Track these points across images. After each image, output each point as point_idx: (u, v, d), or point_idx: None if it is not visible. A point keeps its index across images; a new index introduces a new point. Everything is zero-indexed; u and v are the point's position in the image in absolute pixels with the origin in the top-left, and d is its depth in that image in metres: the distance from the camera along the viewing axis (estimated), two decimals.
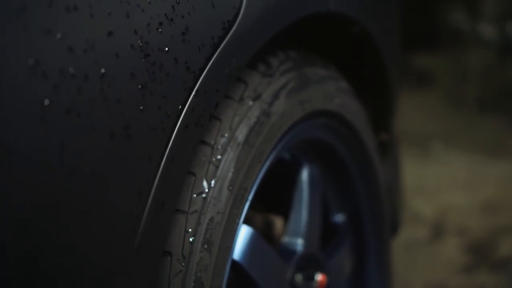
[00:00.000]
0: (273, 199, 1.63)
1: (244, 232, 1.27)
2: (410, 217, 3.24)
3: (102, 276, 0.86)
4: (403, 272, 2.75)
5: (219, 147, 1.14)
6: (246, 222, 1.31)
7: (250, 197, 1.21)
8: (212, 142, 1.14)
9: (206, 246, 1.09)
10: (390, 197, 1.92)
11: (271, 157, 1.28)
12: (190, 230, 1.08)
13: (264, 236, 1.58)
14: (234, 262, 1.24)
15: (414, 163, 4.02)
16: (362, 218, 1.72)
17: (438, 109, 5.32)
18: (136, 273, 0.92)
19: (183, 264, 1.07)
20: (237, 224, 1.17)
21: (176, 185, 0.99)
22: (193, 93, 0.98)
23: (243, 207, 1.18)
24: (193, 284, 1.07)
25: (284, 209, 1.55)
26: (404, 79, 5.81)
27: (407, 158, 3.91)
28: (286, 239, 1.47)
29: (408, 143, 4.28)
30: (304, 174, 1.49)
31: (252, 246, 1.27)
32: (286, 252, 1.44)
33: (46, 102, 0.76)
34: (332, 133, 1.52)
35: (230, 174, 1.14)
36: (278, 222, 1.62)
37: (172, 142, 0.95)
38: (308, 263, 1.51)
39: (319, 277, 1.51)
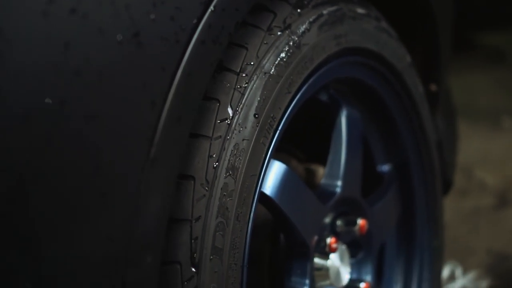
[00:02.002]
0: (316, 150, 1.60)
1: (277, 168, 1.25)
2: (475, 186, 3.16)
3: (113, 185, 0.85)
4: (467, 239, 2.68)
5: (245, 74, 1.13)
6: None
7: (280, 127, 1.19)
8: (238, 70, 1.13)
9: (230, 172, 1.08)
10: (442, 152, 1.86)
11: (303, 90, 1.25)
12: (214, 155, 1.07)
13: (307, 184, 1.54)
14: (266, 198, 1.22)
15: (482, 136, 3.93)
16: (408, 168, 1.67)
17: (508, 85, 5.16)
18: (152, 188, 0.91)
19: (207, 188, 1.06)
20: (265, 153, 1.15)
21: (194, 102, 0.97)
22: (210, 8, 0.96)
23: (272, 137, 1.17)
24: (217, 209, 1.06)
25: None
26: (474, 57, 5.67)
27: (476, 132, 3.83)
28: (324, 181, 1.44)
29: (477, 118, 4.19)
30: (343, 116, 1.45)
31: (285, 182, 1.25)
32: (324, 194, 1.41)
33: None
34: (372, 74, 1.48)
35: (256, 102, 1.13)
36: (320, 170, 1.59)
37: (188, 56, 0.94)
38: (349, 208, 1.48)
39: (360, 222, 1.48)
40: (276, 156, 1.28)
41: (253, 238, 1.38)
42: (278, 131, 1.18)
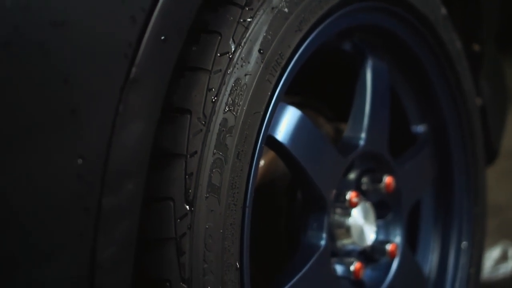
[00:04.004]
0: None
1: (291, 114, 1.18)
2: None
3: (84, 101, 0.81)
4: None
5: (250, 8, 1.08)
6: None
7: (290, 67, 1.12)
8: (242, 3, 1.08)
9: (231, 108, 1.02)
10: (485, 117, 1.76)
11: (318, 31, 1.18)
12: (213, 89, 1.02)
13: (334, 143, 1.47)
14: (278, 144, 1.16)
15: None
16: (445, 130, 1.57)
17: None
18: (132, 111, 0.86)
19: (204, 123, 1.00)
20: (272, 92, 1.09)
21: (182, 25, 0.92)
22: None
23: (280, 76, 1.10)
24: (214, 144, 1.00)
25: None
26: None
27: None
28: (346, 134, 1.36)
29: None
30: (368, 66, 1.38)
31: (299, 129, 1.19)
32: (345, 147, 1.33)
33: None
34: (400, 24, 1.40)
35: (261, 37, 1.07)
36: None
37: None
38: (375, 165, 1.40)
39: (386, 179, 1.40)
40: (304, 112, 1.22)
41: (269, 191, 1.33)
42: (287, 71, 1.12)
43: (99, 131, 0.82)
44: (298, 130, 1.19)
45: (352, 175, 1.38)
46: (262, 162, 1.35)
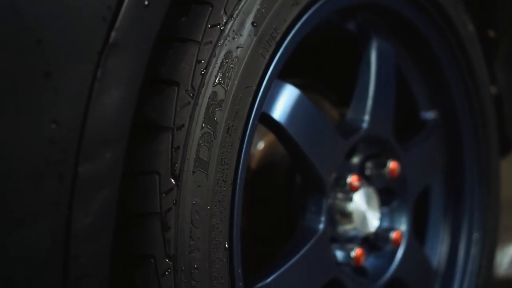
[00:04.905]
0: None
1: (289, 92, 1.15)
2: None
3: (59, 63, 0.78)
4: None
5: None
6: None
7: (286, 42, 1.09)
8: None
9: (221, 81, 0.99)
10: (500, 106, 1.70)
11: (317, 7, 1.14)
12: (202, 61, 0.99)
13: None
14: (274, 123, 1.13)
15: None
16: (455, 116, 1.53)
17: None
18: (111, 77, 0.83)
19: (192, 95, 0.97)
20: (265, 66, 1.05)
21: None
22: None
23: (275, 51, 1.07)
24: (203, 118, 0.97)
25: None
26: None
27: None
28: (349, 116, 1.32)
29: None
30: (372, 47, 1.33)
31: (297, 109, 1.15)
32: (347, 129, 1.29)
33: None
34: (408, 4, 1.35)
35: (255, 9, 1.04)
36: None
37: None
38: (379, 149, 1.36)
39: (390, 164, 1.35)
40: (308, 95, 1.19)
41: (268, 172, 1.30)
42: (283, 46, 1.09)
43: (75, 96, 0.80)
44: (296, 109, 1.15)
45: (355, 159, 1.34)
46: (261, 144, 1.32)
